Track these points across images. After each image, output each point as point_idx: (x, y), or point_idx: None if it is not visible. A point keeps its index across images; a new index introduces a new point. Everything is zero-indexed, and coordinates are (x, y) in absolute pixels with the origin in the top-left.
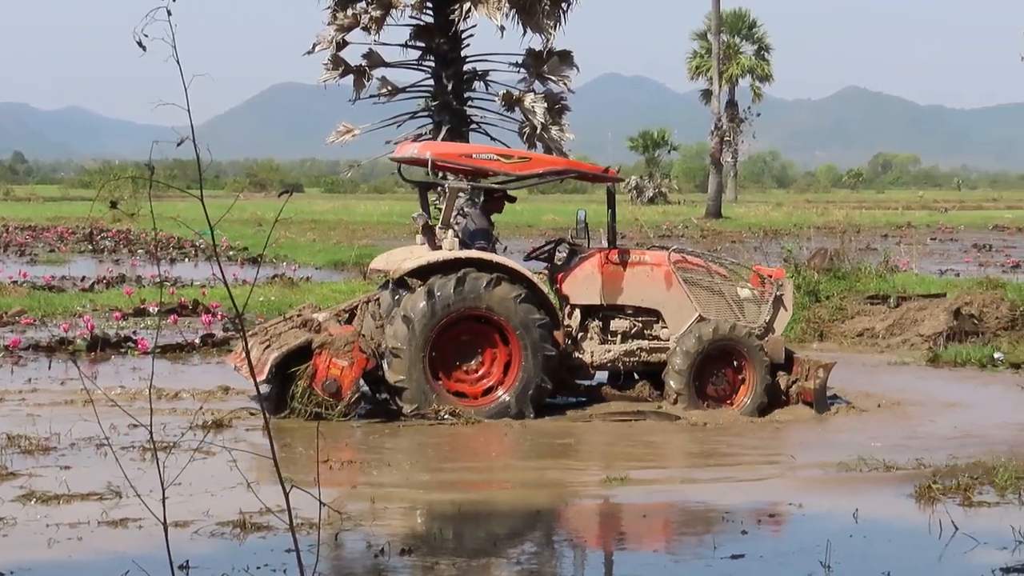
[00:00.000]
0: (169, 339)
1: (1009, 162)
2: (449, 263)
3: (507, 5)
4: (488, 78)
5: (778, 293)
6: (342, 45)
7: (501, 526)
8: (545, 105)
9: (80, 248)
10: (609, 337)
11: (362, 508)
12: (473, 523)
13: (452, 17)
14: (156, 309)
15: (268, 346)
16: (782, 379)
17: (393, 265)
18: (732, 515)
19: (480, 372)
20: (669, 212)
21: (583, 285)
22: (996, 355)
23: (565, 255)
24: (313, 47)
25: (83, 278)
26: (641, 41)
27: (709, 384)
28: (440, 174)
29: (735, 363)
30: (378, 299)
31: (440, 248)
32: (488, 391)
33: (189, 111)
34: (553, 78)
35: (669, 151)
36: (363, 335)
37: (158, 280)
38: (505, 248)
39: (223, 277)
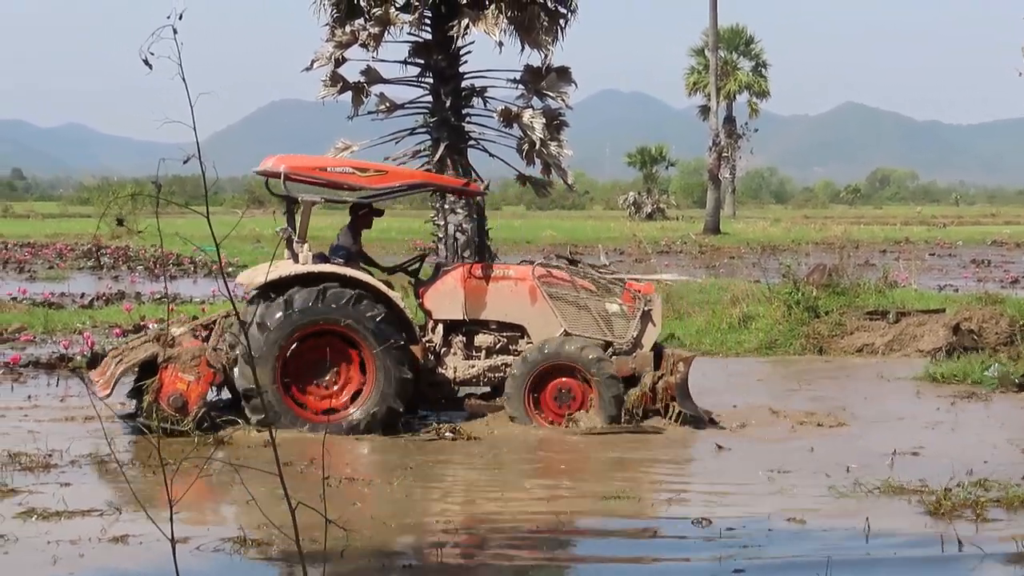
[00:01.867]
0: None
1: (1005, 177)
2: (311, 277)
3: (505, 21)
4: (486, 94)
5: (646, 308)
6: (341, 62)
7: (502, 544)
8: (543, 121)
9: (79, 265)
10: (473, 352)
11: (363, 524)
12: (473, 540)
13: (450, 34)
14: (156, 325)
15: (120, 360)
16: (649, 376)
17: (256, 279)
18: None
19: (333, 388)
20: (667, 228)
21: (446, 300)
22: (988, 371)
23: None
24: (312, 64)
25: (83, 295)
26: (639, 57)
27: (553, 400)
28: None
29: (582, 379)
30: (237, 314)
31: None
32: (339, 408)
33: (195, 129)
34: (551, 94)
35: (667, 167)
36: (216, 349)
37: (159, 297)
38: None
39: (229, 293)
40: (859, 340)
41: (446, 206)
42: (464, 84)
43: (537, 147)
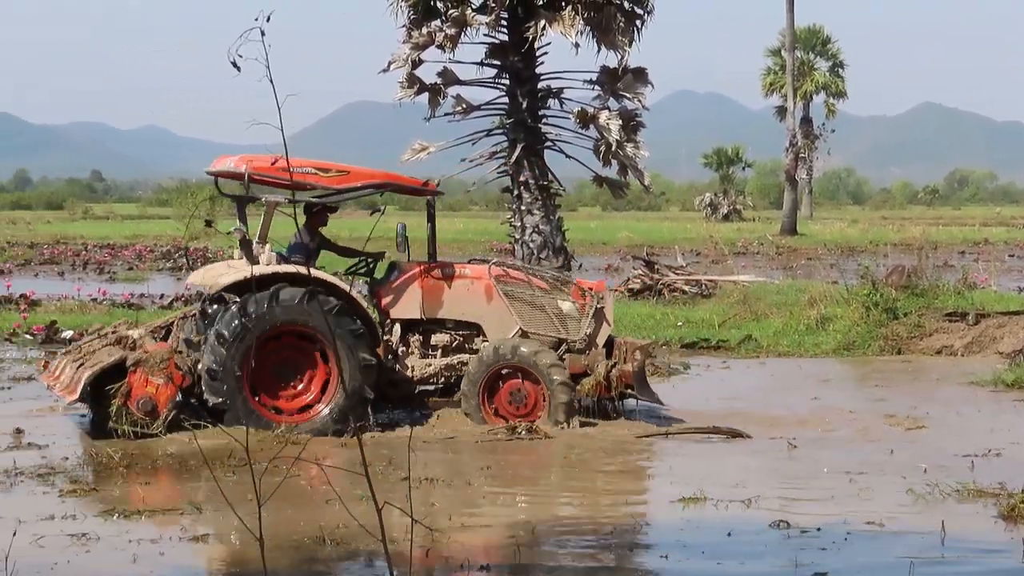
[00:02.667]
0: None
1: None
2: (265, 278)
3: (581, 23)
4: (563, 96)
5: (599, 306)
6: (417, 63)
7: (580, 545)
8: (620, 122)
9: (158, 266)
10: (430, 351)
11: (441, 525)
12: (551, 541)
13: (527, 35)
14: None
15: (81, 364)
16: (603, 365)
17: (210, 280)
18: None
19: (300, 388)
20: (744, 229)
21: (402, 299)
22: None
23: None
24: (388, 65)
25: (162, 295)
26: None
27: (507, 401)
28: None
29: (535, 380)
30: (195, 315)
31: (258, 263)
32: (308, 406)
33: (283, 131)
34: (628, 95)
35: (743, 168)
36: (179, 351)
37: None
38: (580, 265)
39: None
40: (938, 342)
41: (522, 207)
42: (540, 85)
43: (614, 148)
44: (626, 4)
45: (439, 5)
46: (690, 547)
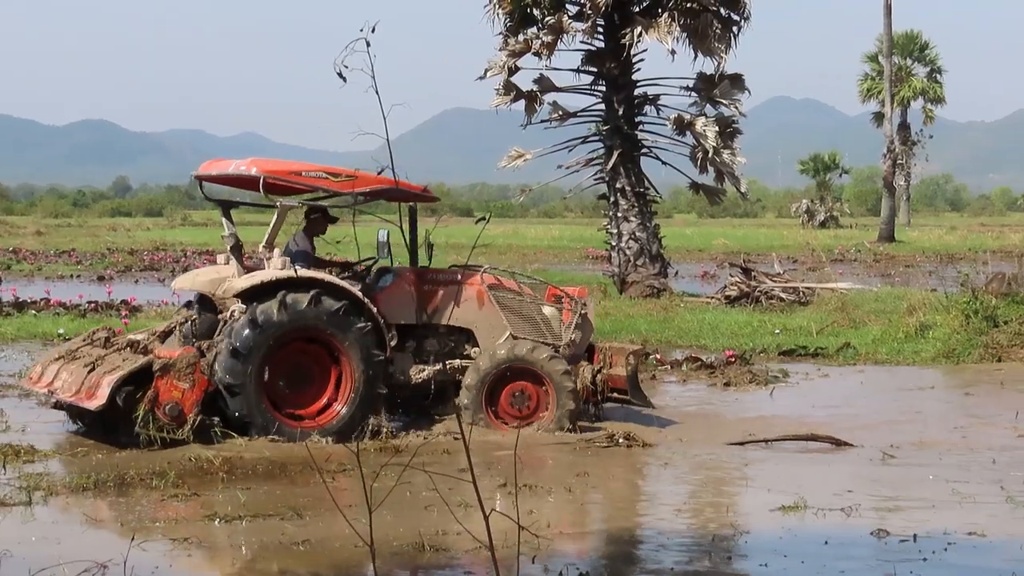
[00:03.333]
0: None
1: None
2: (269, 285)
3: (678, 29)
4: (659, 102)
5: (583, 312)
6: (514, 70)
7: (679, 552)
8: (716, 129)
9: None
10: (423, 356)
11: (540, 532)
12: (649, 549)
13: (623, 41)
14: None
15: (92, 368)
16: (588, 370)
17: (202, 285)
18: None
19: (314, 390)
20: (841, 236)
21: (400, 304)
22: None
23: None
24: (485, 72)
25: None
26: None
27: (510, 403)
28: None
29: (538, 381)
30: (194, 319)
31: (250, 268)
32: (325, 408)
33: (388, 139)
34: (724, 101)
35: (840, 174)
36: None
37: None
38: (676, 272)
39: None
40: None
41: (619, 214)
42: (637, 92)
43: (710, 155)
44: (723, 10)
45: (535, 12)
46: (790, 555)
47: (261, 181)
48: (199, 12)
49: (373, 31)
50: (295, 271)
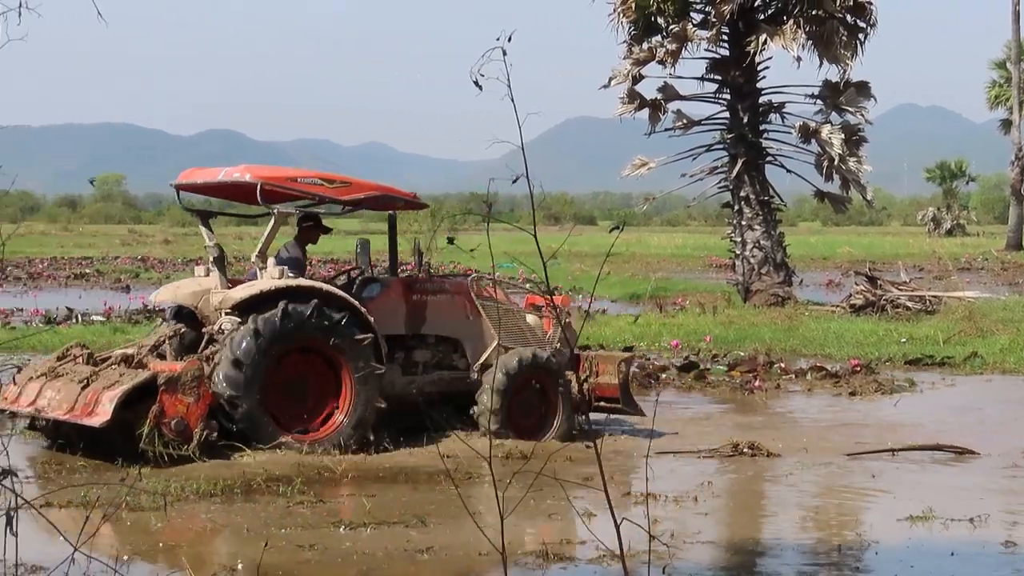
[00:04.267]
0: None
1: None
2: (268, 295)
3: (804, 36)
4: (784, 110)
5: (567, 320)
6: (638, 79)
7: (805, 562)
8: (842, 136)
9: None
10: (411, 368)
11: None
12: (775, 558)
13: (748, 49)
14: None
15: (86, 385)
16: (575, 379)
17: (184, 298)
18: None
19: (313, 401)
20: (968, 244)
21: (389, 314)
22: None
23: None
24: (609, 81)
25: None
26: (937, 70)
27: (518, 415)
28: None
29: (540, 391)
30: (182, 332)
31: (231, 280)
32: (328, 417)
33: (523, 148)
34: (850, 109)
35: (967, 182)
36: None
37: None
38: (800, 281)
39: (555, 307)
40: None
41: (743, 222)
42: (761, 100)
43: (836, 163)
44: (849, 17)
45: (660, 21)
46: (916, 567)
47: (259, 188)
48: (328, 24)
49: (510, 40)
50: (292, 279)
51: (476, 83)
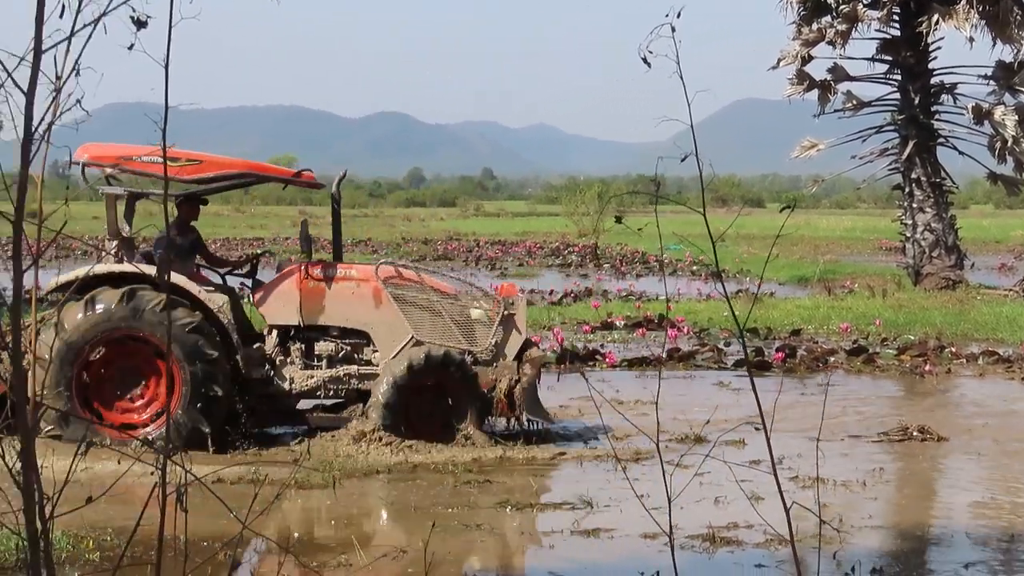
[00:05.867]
0: (635, 352)
1: None
2: (118, 277)
3: (976, 16)
4: (956, 91)
5: (507, 312)
6: (807, 60)
7: (972, 550)
8: (1016, 118)
9: (548, 262)
10: (313, 362)
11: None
12: (945, 546)
13: (919, 30)
14: (623, 323)
15: None
16: (504, 380)
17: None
18: None
19: (142, 394)
20: None
21: (280, 303)
22: None
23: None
24: (778, 62)
25: (551, 291)
26: None
27: (415, 413)
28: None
29: (446, 390)
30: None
31: (132, 262)
32: (160, 413)
33: (692, 126)
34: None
35: None
36: None
37: (626, 294)
38: (972, 264)
39: (725, 292)
40: None
41: (914, 205)
42: (933, 81)
43: (1009, 144)
44: None
45: (829, 1)
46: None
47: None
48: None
49: (679, 16)
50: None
51: (644, 60)
